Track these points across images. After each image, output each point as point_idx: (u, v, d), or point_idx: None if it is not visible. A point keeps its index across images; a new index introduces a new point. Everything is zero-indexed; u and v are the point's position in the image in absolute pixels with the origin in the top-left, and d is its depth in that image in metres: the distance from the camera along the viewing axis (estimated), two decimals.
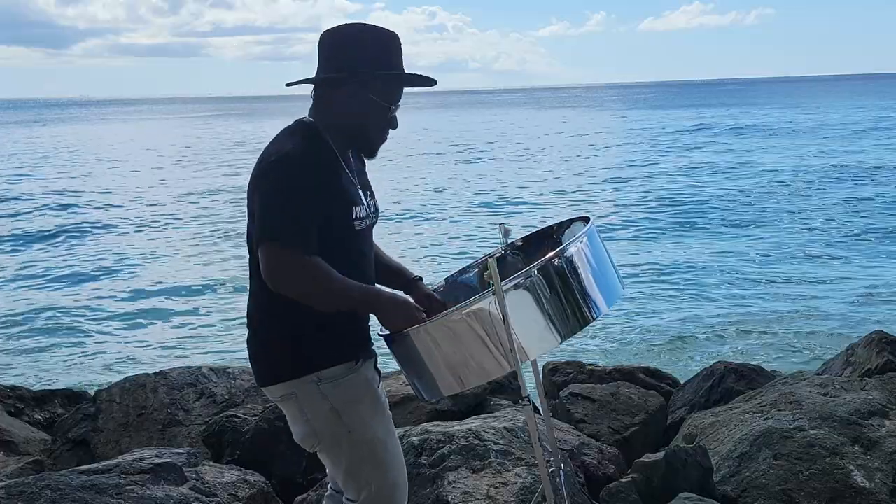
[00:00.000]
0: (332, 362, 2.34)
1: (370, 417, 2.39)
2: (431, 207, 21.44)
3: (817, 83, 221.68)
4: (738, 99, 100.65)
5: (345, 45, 2.34)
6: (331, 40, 2.36)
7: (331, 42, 2.35)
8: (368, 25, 2.38)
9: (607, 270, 2.48)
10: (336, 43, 2.35)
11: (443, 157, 35.46)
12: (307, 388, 2.34)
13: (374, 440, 2.38)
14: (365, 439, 2.37)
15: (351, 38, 2.34)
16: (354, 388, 2.37)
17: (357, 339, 2.41)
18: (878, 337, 5.12)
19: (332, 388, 2.33)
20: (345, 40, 2.34)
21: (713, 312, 11.09)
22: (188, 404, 4.78)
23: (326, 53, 2.36)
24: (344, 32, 2.36)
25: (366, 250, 2.45)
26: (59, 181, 29.71)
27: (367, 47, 2.32)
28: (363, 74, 2.30)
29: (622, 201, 21.59)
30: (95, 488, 3.31)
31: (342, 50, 2.33)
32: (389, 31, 2.36)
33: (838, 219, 17.99)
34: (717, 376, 5.27)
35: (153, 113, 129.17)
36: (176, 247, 17.27)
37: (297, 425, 2.41)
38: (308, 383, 2.33)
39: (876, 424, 3.99)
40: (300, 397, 2.35)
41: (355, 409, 2.36)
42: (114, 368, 9.56)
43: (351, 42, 2.33)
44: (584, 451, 4.10)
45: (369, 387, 2.42)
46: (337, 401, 2.34)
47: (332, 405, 2.34)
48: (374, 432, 2.38)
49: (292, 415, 2.41)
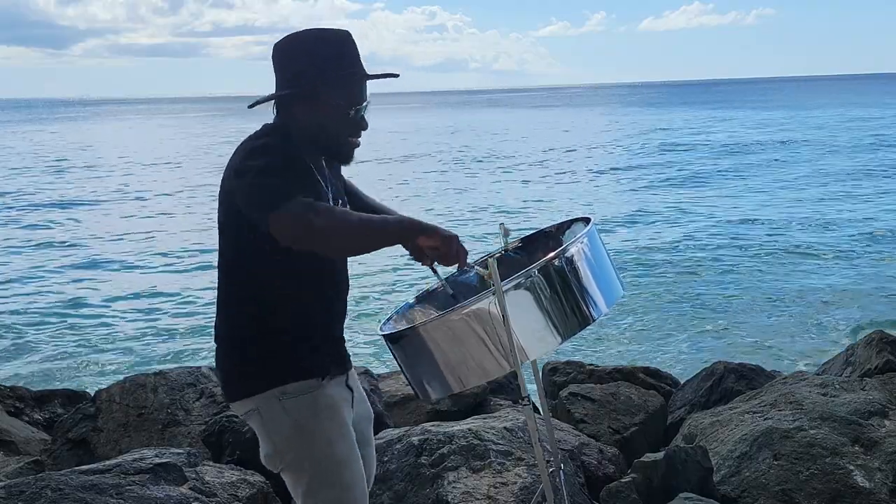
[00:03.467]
0: (296, 377, 2.27)
1: (334, 437, 2.30)
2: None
3: (817, 83, 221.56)
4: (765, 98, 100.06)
5: (293, 56, 2.27)
6: (280, 53, 2.29)
7: (280, 55, 2.29)
8: (316, 30, 2.31)
9: (607, 271, 2.48)
10: (285, 55, 2.28)
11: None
12: (270, 403, 2.26)
13: (337, 461, 2.29)
14: (327, 459, 2.28)
15: (298, 49, 2.27)
16: (318, 406, 2.28)
17: (324, 354, 2.34)
18: (878, 337, 5.12)
19: (294, 404, 2.26)
20: (293, 51, 2.27)
21: (713, 312, 11.10)
22: (188, 404, 4.78)
23: (278, 67, 2.29)
24: (291, 43, 2.28)
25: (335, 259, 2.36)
26: (58, 181, 29.72)
27: (315, 55, 2.24)
28: (312, 85, 2.23)
29: (623, 201, 21.59)
30: (95, 488, 3.30)
31: (291, 62, 2.26)
32: (339, 31, 2.30)
33: (839, 219, 18.00)
34: (717, 376, 5.27)
35: (154, 113, 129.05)
36: (176, 246, 17.28)
37: (263, 443, 2.33)
38: (270, 399, 2.26)
39: (876, 424, 3.99)
40: (263, 413, 2.28)
41: (319, 428, 2.28)
42: (114, 368, 9.56)
43: (298, 52, 2.26)
44: (584, 451, 4.10)
45: (334, 405, 2.33)
46: (300, 417, 2.26)
47: (294, 421, 2.26)
48: (337, 452, 2.29)
49: (257, 431, 2.33)
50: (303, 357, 2.29)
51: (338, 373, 2.39)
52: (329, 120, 2.26)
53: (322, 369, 2.32)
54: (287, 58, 2.29)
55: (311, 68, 2.24)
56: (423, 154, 36.52)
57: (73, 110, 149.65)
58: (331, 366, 2.36)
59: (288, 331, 2.27)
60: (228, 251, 2.32)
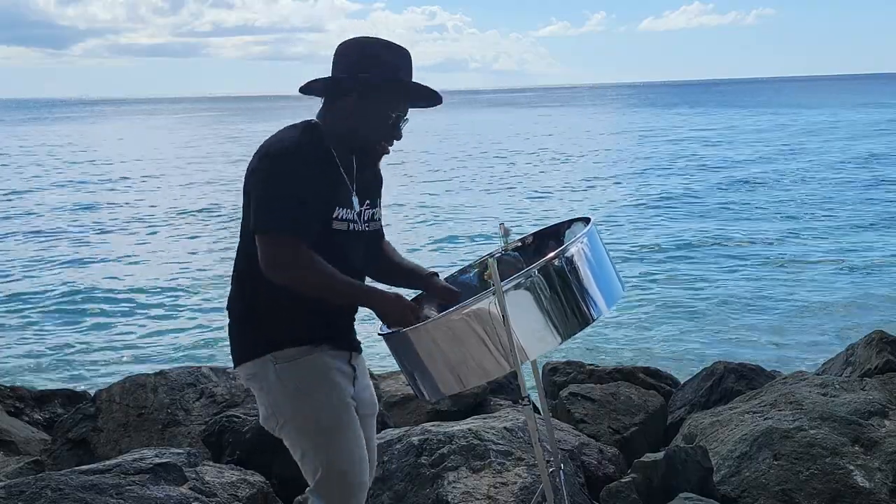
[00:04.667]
0: (290, 343, 2.38)
1: (326, 403, 2.38)
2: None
3: (818, 83, 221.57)
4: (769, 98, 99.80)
5: (353, 53, 2.41)
6: (344, 51, 2.42)
7: (341, 51, 2.42)
8: (381, 40, 2.44)
9: (607, 271, 2.48)
10: (350, 53, 2.41)
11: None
12: (266, 367, 2.38)
13: (324, 427, 2.37)
14: (314, 424, 2.37)
15: (365, 52, 2.40)
16: (310, 372, 2.38)
17: (321, 325, 2.41)
18: (878, 337, 5.12)
19: (287, 369, 2.37)
20: (354, 49, 2.42)
21: (713, 312, 11.09)
22: (188, 404, 4.77)
23: (339, 63, 2.42)
24: (359, 45, 2.43)
25: (347, 254, 2.43)
26: (55, 181, 29.71)
27: (374, 57, 2.38)
28: (365, 80, 2.35)
29: (622, 202, 21.58)
30: (95, 488, 3.30)
31: (350, 58, 2.40)
32: (399, 46, 2.43)
33: (840, 219, 17.99)
34: (717, 376, 5.27)
35: (160, 113, 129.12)
36: (177, 246, 17.27)
37: (261, 406, 2.46)
38: (266, 363, 2.38)
39: (876, 424, 3.99)
40: (259, 377, 2.40)
41: (308, 392, 2.37)
42: (114, 368, 9.56)
43: (359, 51, 2.40)
44: (584, 451, 4.10)
45: (328, 373, 2.40)
46: (291, 382, 2.37)
47: (286, 387, 2.37)
48: (325, 418, 2.37)
49: (257, 396, 2.47)
50: (294, 323, 2.39)
51: (338, 346, 2.47)
52: (370, 120, 2.39)
53: (316, 338, 2.41)
54: (351, 56, 2.41)
55: (374, 71, 2.36)
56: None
57: (72, 110, 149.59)
58: (327, 336, 2.43)
59: (282, 298, 2.35)
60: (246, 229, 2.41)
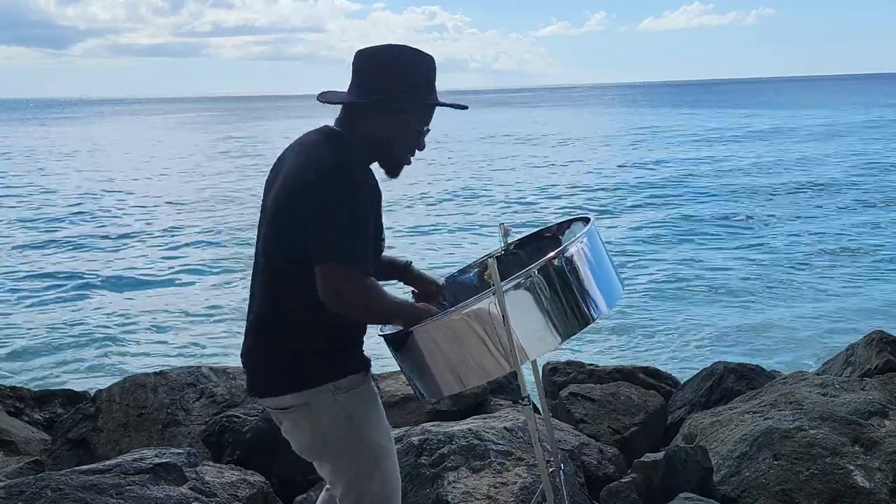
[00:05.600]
0: (348, 371, 2.37)
1: (380, 428, 2.45)
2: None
3: (818, 83, 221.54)
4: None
5: (386, 69, 2.34)
6: (368, 62, 2.36)
7: (368, 64, 2.36)
8: (411, 50, 2.38)
9: (607, 270, 2.48)
10: (377, 65, 2.35)
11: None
12: (324, 397, 2.33)
13: (381, 447, 2.43)
14: (374, 446, 2.41)
15: (393, 64, 2.35)
16: (366, 398, 2.42)
17: (363, 350, 2.46)
18: (878, 337, 5.12)
19: (347, 398, 2.35)
20: (387, 64, 2.35)
21: (713, 312, 11.10)
22: (188, 404, 4.77)
23: (365, 73, 2.36)
24: (386, 56, 2.37)
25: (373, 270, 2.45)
26: (55, 181, 29.72)
27: (410, 76, 2.34)
28: (399, 100, 2.32)
29: (623, 201, 21.59)
30: (95, 488, 3.30)
31: (382, 73, 2.34)
32: (426, 54, 2.39)
33: (840, 221, 17.99)
34: (717, 376, 5.27)
35: (156, 113, 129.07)
36: (177, 245, 17.28)
37: (304, 434, 2.39)
38: (325, 392, 2.33)
39: (876, 424, 3.99)
40: (314, 406, 2.34)
41: (368, 418, 2.41)
42: (114, 368, 9.56)
43: (393, 68, 2.34)
44: (584, 451, 4.10)
45: (376, 396, 2.47)
46: (352, 409, 2.36)
47: (341, 415, 2.35)
48: (381, 439, 2.44)
49: (299, 424, 2.38)
50: (352, 352, 2.41)
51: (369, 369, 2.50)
52: (401, 136, 2.37)
53: (366, 364, 2.44)
54: (378, 68, 2.36)
55: (405, 86, 2.33)
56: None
57: (72, 110, 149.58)
58: (369, 361, 2.46)
59: (335, 327, 2.33)
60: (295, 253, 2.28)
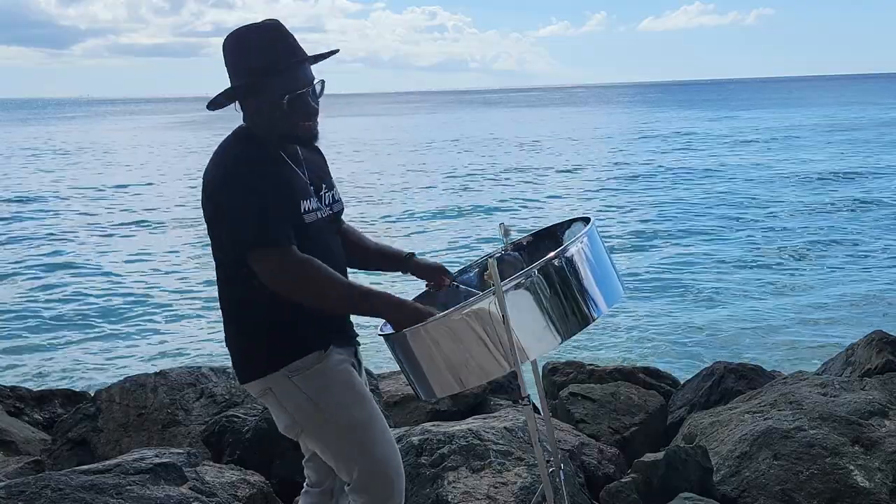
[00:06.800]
0: (299, 354, 2.39)
1: (347, 402, 2.42)
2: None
3: (817, 83, 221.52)
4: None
5: (232, 56, 2.37)
6: (224, 55, 2.39)
7: (224, 56, 2.39)
8: (244, 26, 2.39)
9: (608, 270, 2.48)
10: (227, 56, 2.38)
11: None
12: (282, 381, 2.39)
13: (354, 424, 2.41)
14: (345, 424, 2.40)
15: (231, 46, 2.37)
16: (325, 376, 2.40)
17: (322, 328, 2.43)
18: (878, 337, 5.12)
19: (303, 380, 2.38)
20: (232, 51, 2.37)
21: (713, 313, 11.10)
22: (188, 404, 4.77)
23: (226, 65, 2.39)
24: (228, 42, 2.38)
25: (328, 243, 2.47)
26: (54, 181, 29.70)
27: (245, 50, 2.34)
28: (249, 79, 2.33)
29: (623, 200, 21.59)
30: (95, 488, 3.30)
31: (233, 61, 2.36)
32: (267, 22, 2.37)
33: (840, 219, 17.99)
34: (716, 376, 5.26)
35: (157, 113, 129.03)
36: (177, 245, 17.27)
37: (280, 417, 2.47)
38: (281, 377, 2.38)
39: (876, 424, 3.99)
40: (276, 391, 2.41)
41: (330, 396, 2.40)
42: (114, 368, 9.56)
43: (236, 52, 2.36)
44: (584, 451, 4.10)
45: (341, 372, 2.44)
46: (310, 390, 2.38)
47: (307, 395, 2.38)
48: (353, 416, 2.41)
49: (273, 408, 2.48)
50: (301, 333, 2.40)
51: (342, 343, 2.49)
52: (273, 110, 2.34)
53: (322, 341, 2.42)
54: (229, 56, 2.38)
55: (244, 63, 2.34)
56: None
57: (73, 110, 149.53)
58: (332, 337, 2.45)
59: (287, 312, 2.35)
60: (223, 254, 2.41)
